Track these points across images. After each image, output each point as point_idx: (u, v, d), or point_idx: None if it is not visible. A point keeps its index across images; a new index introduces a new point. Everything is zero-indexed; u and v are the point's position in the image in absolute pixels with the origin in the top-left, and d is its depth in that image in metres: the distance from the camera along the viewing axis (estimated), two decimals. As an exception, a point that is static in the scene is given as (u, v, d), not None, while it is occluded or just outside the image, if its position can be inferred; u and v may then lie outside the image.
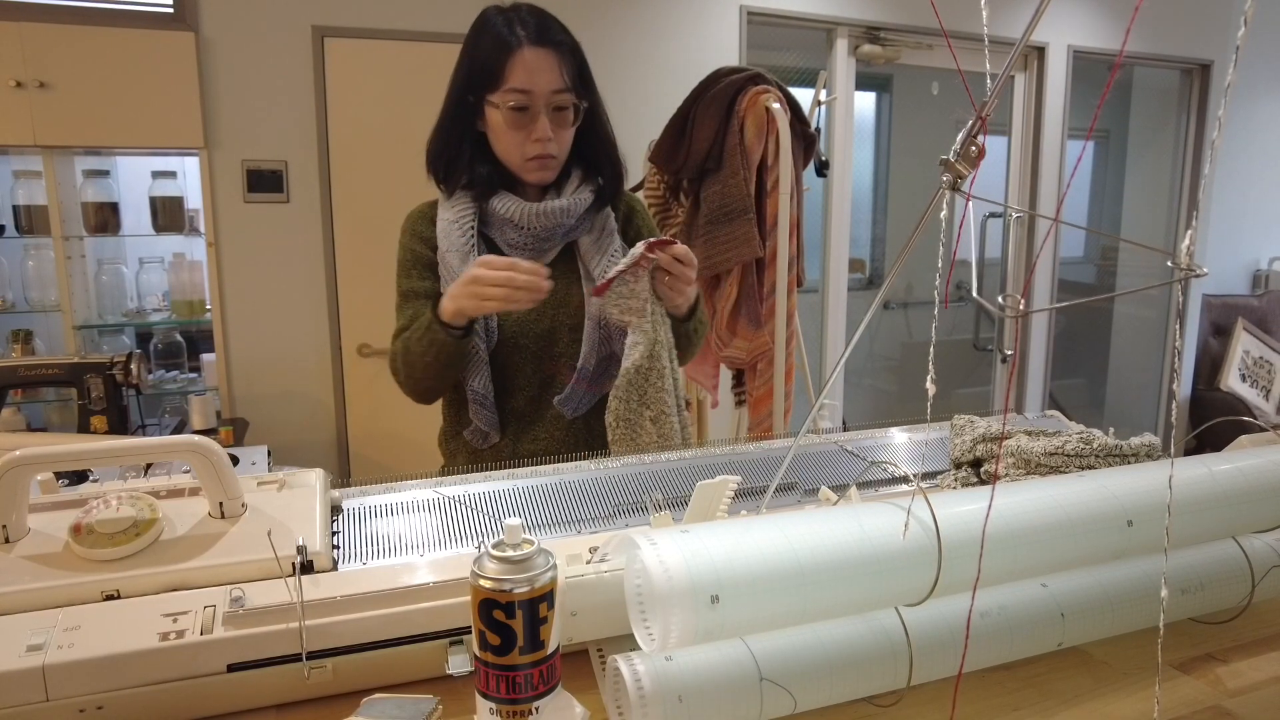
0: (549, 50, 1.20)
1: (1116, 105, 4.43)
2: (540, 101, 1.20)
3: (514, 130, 1.21)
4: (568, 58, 1.22)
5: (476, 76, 1.21)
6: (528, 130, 1.21)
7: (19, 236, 2.53)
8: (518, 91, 1.19)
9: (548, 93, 1.20)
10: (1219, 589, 0.75)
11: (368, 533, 0.80)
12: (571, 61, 1.23)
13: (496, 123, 1.22)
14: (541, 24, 1.21)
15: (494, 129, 1.23)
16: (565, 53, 1.22)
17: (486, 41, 1.21)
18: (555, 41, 1.21)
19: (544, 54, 1.20)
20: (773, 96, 2.02)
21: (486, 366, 1.22)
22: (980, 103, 0.54)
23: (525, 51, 1.19)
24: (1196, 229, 0.48)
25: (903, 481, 0.98)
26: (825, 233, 3.53)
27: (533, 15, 1.23)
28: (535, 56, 1.19)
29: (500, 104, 1.20)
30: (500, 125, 1.21)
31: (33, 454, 0.69)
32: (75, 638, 0.60)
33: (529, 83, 1.19)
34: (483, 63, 1.20)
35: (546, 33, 1.21)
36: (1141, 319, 4.49)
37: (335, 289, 2.78)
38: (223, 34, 2.56)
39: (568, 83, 1.21)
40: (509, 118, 1.20)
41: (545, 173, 1.25)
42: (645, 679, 0.55)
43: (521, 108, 1.19)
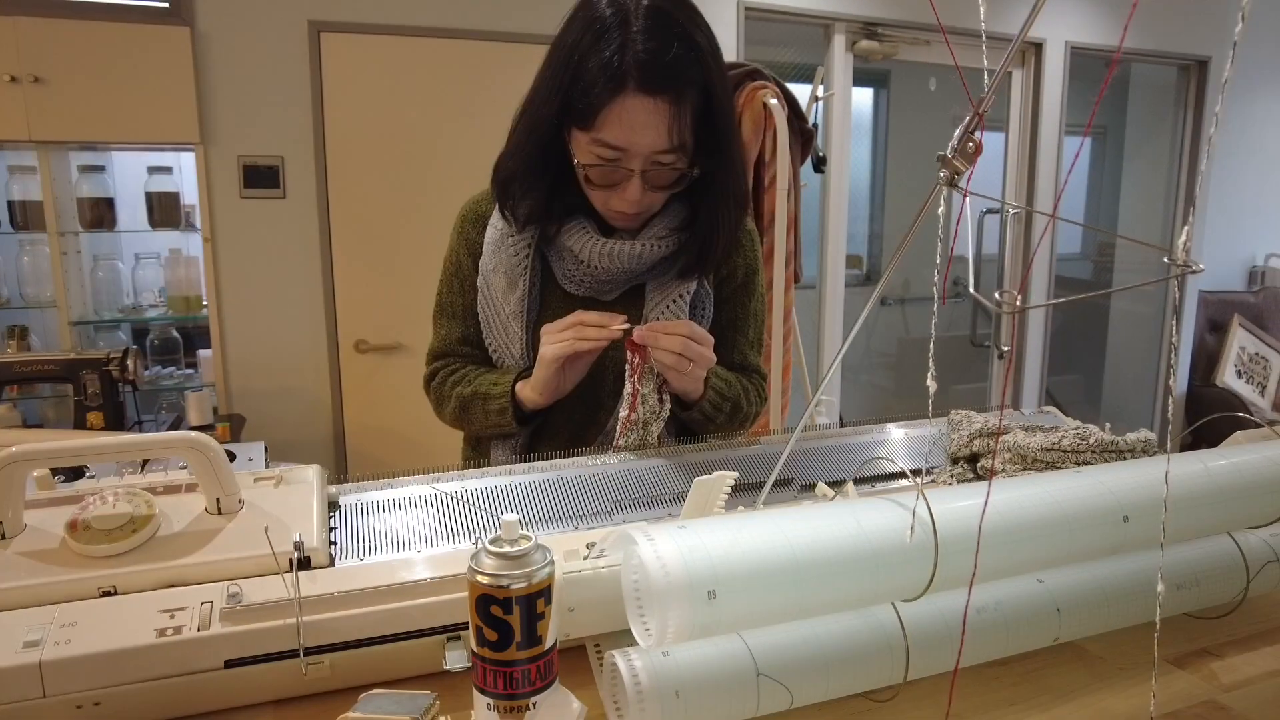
0: (663, 100, 0.93)
1: (1114, 101, 4.43)
2: (635, 162, 0.96)
3: (598, 185, 1.00)
4: (687, 106, 0.95)
5: (563, 101, 0.97)
6: (615, 189, 1.00)
7: (14, 232, 2.52)
8: (609, 146, 0.95)
9: (648, 154, 0.96)
10: (1214, 584, 0.75)
11: (365, 528, 0.80)
12: (691, 111, 0.96)
13: (580, 159, 0.99)
14: (662, 50, 0.92)
15: (576, 162, 1.00)
16: (685, 100, 0.94)
17: (583, 60, 0.94)
18: (674, 85, 0.93)
19: (654, 105, 0.93)
20: (770, 92, 2.02)
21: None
22: (978, 99, 0.54)
23: (629, 99, 0.92)
24: (1193, 225, 0.48)
25: (899, 477, 0.98)
26: (822, 229, 3.53)
27: (656, 30, 0.93)
28: (641, 108, 0.93)
29: (586, 149, 0.97)
30: (582, 169, 1.00)
31: (29, 450, 0.68)
32: (72, 634, 0.60)
33: (626, 140, 0.94)
34: (572, 90, 0.95)
35: (665, 70, 0.92)
36: (1138, 315, 4.49)
37: (332, 284, 2.78)
38: (218, 28, 2.55)
39: (678, 142, 0.96)
40: (594, 173, 0.99)
41: (630, 224, 1.06)
42: (642, 674, 0.56)
43: (612, 161, 0.97)
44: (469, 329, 1.16)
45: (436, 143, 2.78)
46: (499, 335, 1.13)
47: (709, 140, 1.00)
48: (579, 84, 0.94)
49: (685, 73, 0.94)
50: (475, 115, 2.78)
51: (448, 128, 2.77)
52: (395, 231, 2.78)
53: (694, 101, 0.96)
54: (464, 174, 2.78)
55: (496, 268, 1.09)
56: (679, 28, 0.94)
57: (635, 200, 0.99)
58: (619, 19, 0.93)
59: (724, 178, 1.05)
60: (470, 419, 1.12)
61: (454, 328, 1.16)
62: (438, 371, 1.18)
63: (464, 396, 1.12)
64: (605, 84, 0.92)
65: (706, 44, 0.97)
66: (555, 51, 0.99)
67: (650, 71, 0.92)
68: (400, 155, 2.76)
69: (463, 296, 1.15)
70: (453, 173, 2.77)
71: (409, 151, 2.77)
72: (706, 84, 0.96)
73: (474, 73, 2.76)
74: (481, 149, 3.16)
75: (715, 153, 1.01)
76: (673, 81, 0.93)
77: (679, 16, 0.95)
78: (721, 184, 1.05)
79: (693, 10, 0.97)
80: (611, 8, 0.94)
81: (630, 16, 0.93)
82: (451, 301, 1.17)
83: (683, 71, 0.94)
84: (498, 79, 2.77)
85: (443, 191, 2.78)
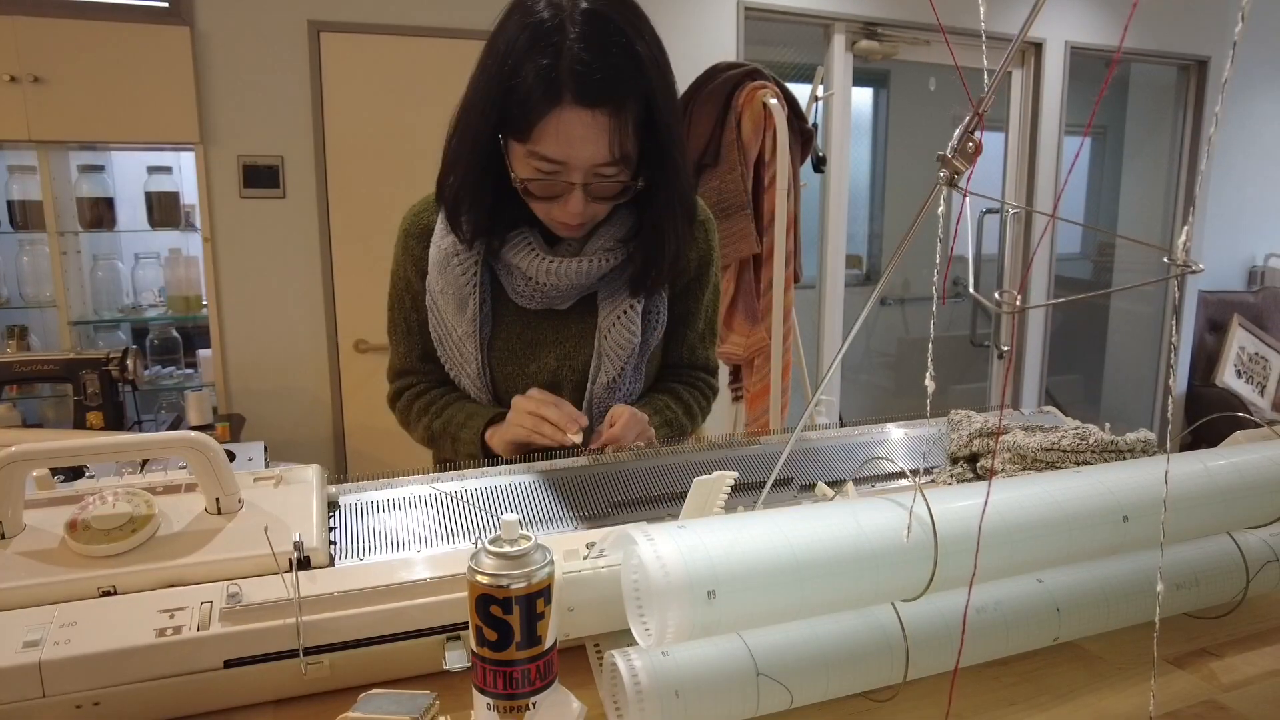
0: (602, 113, 0.88)
1: (1114, 101, 4.43)
2: (576, 175, 0.92)
3: (538, 197, 0.96)
4: (628, 117, 0.90)
5: (498, 111, 0.92)
6: (557, 201, 0.96)
7: (14, 232, 2.52)
8: (547, 160, 0.91)
9: (588, 166, 0.92)
10: (1214, 584, 0.75)
11: (365, 528, 0.80)
12: (633, 121, 0.91)
13: (518, 172, 0.95)
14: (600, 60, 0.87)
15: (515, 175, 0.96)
16: (626, 111, 0.90)
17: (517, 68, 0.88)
18: (613, 97, 0.88)
19: (593, 118, 0.88)
20: (770, 92, 2.02)
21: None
22: (977, 98, 0.54)
23: (566, 112, 0.88)
24: (1193, 225, 0.48)
25: (899, 477, 0.98)
26: (822, 228, 3.53)
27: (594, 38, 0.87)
28: (579, 120, 0.88)
29: (524, 161, 0.93)
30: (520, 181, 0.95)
31: (28, 450, 0.68)
32: (71, 634, 0.60)
33: (564, 154, 0.90)
34: (507, 101, 0.90)
35: (604, 81, 0.87)
36: (1138, 315, 4.50)
37: (331, 284, 2.78)
38: (218, 28, 2.55)
39: (619, 154, 0.91)
40: (533, 185, 0.94)
41: (575, 234, 1.02)
42: (642, 674, 0.56)
43: (551, 174, 0.93)
44: (426, 345, 1.13)
45: (436, 143, 2.76)
46: (453, 356, 1.10)
47: (652, 150, 0.96)
48: (514, 95, 0.89)
49: (625, 83, 0.90)
50: (475, 115, 2.77)
51: (447, 128, 2.77)
52: (395, 231, 2.77)
53: (635, 112, 0.92)
54: (464, 174, 2.77)
55: (445, 289, 1.05)
56: (618, 34, 0.89)
57: (578, 213, 0.96)
58: (554, 23, 0.88)
59: (668, 191, 1.00)
60: (440, 448, 1.13)
61: (411, 345, 1.14)
62: (402, 392, 1.16)
63: (432, 430, 1.11)
64: (541, 96, 0.87)
65: (648, 51, 0.92)
66: (489, 55, 0.93)
67: (587, 83, 0.87)
68: (400, 155, 2.76)
69: (416, 313, 1.12)
70: (452, 172, 2.77)
71: (409, 151, 2.76)
72: (648, 94, 0.92)
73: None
74: (481, 149, 3.09)
75: (658, 164, 0.98)
76: (612, 93, 0.89)
77: (619, 21, 0.90)
78: (665, 198, 1.01)
79: (634, 14, 0.93)
80: (547, 10, 0.89)
81: (566, 22, 0.88)
82: (405, 318, 1.13)
83: (622, 82, 0.89)
84: (497, 79, 2.77)
85: (442, 191, 2.77)
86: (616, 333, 1.08)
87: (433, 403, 1.12)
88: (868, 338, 4.07)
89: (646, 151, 0.96)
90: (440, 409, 1.11)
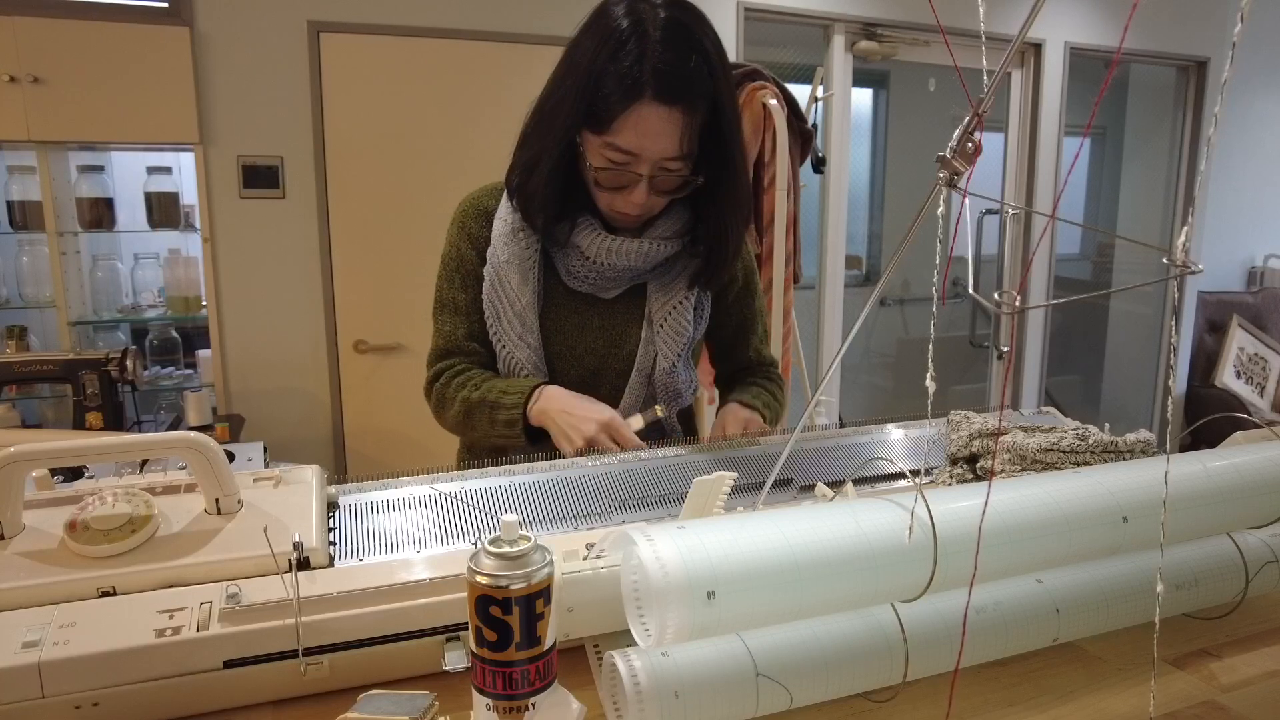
0: (677, 110, 0.97)
1: (1113, 102, 4.44)
2: (645, 167, 1.00)
3: (605, 187, 1.03)
4: (698, 116, 0.99)
5: (578, 104, 0.99)
6: (621, 192, 1.03)
7: (13, 232, 2.52)
8: (620, 151, 0.98)
9: (657, 160, 0.99)
10: (1213, 584, 0.75)
11: (364, 529, 0.80)
12: (701, 121, 1.00)
13: (588, 162, 1.02)
14: (680, 62, 0.96)
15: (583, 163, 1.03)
16: (697, 110, 0.98)
17: (602, 69, 0.96)
18: (688, 96, 0.97)
19: (669, 114, 0.96)
20: (770, 93, 2.02)
21: None
22: (977, 99, 0.54)
23: (645, 108, 0.96)
24: (1192, 225, 0.48)
25: (899, 477, 0.98)
26: (822, 229, 3.53)
27: (674, 42, 0.96)
28: (656, 116, 0.96)
29: (598, 151, 1.00)
30: (591, 170, 1.02)
31: (28, 450, 0.68)
32: (71, 634, 0.60)
33: (638, 146, 0.98)
34: (593, 95, 0.97)
35: (682, 81, 0.96)
36: (1137, 315, 4.50)
37: (331, 285, 2.78)
38: (218, 28, 2.55)
39: (686, 150, 1.00)
40: (603, 175, 1.01)
41: (632, 224, 1.09)
42: (642, 675, 0.56)
43: (621, 165, 1.00)
44: (474, 324, 1.14)
45: (436, 143, 2.78)
46: (508, 329, 1.11)
47: (715, 149, 1.03)
48: (599, 91, 0.97)
49: (699, 85, 0.98)
50: (475, 115, 2.78)
51: (447, 128, 2.77)
52: (395, 231, 2.78)
53: (703, 112, 1.00)
54: (463, 174, 2.77)
55: (510, 260, 1.10)
56: (694, 41, 0.98)
57: (640, 203, 1.03)
58: (637, 30, 0.96)
59: (730, 187, 1.07)
60: (474, 424, 1.11)
61: (459, 324, 1.15)
62: (442, 373, 1.15)
63: (470, 401, 1.10)
64: (623, 92, 0.95)
65: (717, 56, 1.00)
66: (570, 60, 1.01)
67: (667, 82, 0.95)
68: (399, 155, 2.76)
69: (465, 291, 1.14)
70: (452, 173, 2.77)
71: (408, 152, 2.76)
72: (716, 97, 1.00)
73: (474, 73, 2.77)
74: (481, 149, 3.16)
75: (720, 161, 1.05)
76: (687, 92, 0.97)
77: (695, 29, 0.98)
78: (728, 193, 1.08)
79: (706, 23, 1.00)
80: (628, 18, 0.97)
81: (649, 27, 0.96)
82: (454, 297, 1.15)
83: (697, 83, 0.98)
84: (497, 79, 2.77)
85: (442, 191, 2.77)
86: (673, 322, 1.13)
87: (473, 378, 1.13)
88: (867, 338, 4.07)
89: (709, 151, 1.04)
90: (480, 382, 1.12)
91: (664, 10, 0.98)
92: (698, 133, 1.01)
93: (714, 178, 1.06)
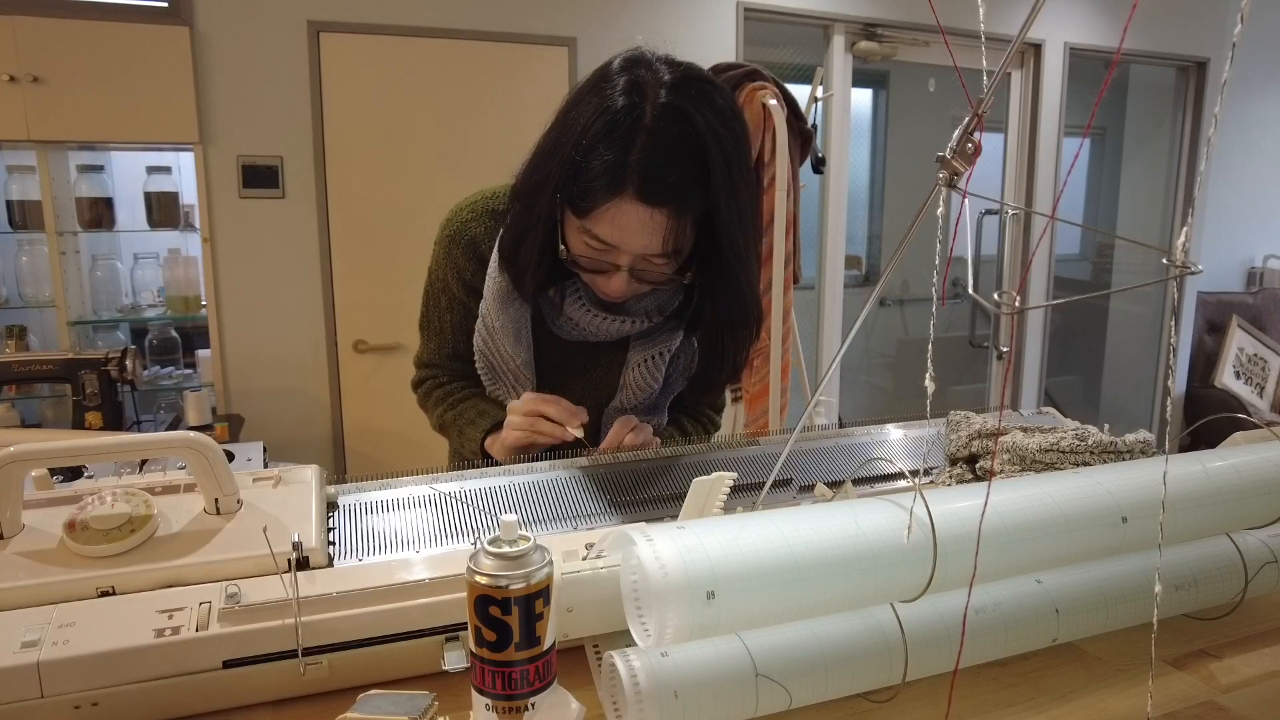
0: (660, 212, 0.88)
1: (1113, 102, 4.44)
2: (624, 259, 0.93)
3: (584, 269, 0.97)
4: (688, 217, 0.90)
5: (565, 184, 0.91)
6: (601, 275, 0.96)
7: (12, 232, 2.52)
8: (598, 240, 0.91)
9: (636, 254, 0.92)
10: (1213, 585, 0.75)
11: (363, 529, 0.80)
12: (692, 219, 0.90)
13: (569, 243, 0.95)
14: (670, 163, 0.87)
15: (563, 246, 0.95)
16: (687, 211, 0.89)
17: (589, 150, 0.88)
18: (677, 199, 0.88)
19: (650, 214, 0.88)
20: (769, 93, 2.02)
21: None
22: (977, 99, 0.54)
23: (625, 204, 0.87)
24: (1192, 226, 0.48)
25: (898, 478, 0.98)
26: (821, 229, 3.54)
27: (667, 136, 0.86)
28: (636, 214, 0.88)
29: (576, 234, 0.93)
30: (567, 251, 0.95)
31: (27, 450, 0.68)
32: (70, 634, 0.60)
33: (615, 239, 0.90)
34: (574, 177, 0.89)
35: (668, 185, 0.87)
36: (1137, 316, 4.50)
37: (331, 284, 2.78)
38: (218, 28, 2.55)
39: (672, 248, 0.91)
40: (580, 259, 0.94)
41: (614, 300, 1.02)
42: (641, 675, 0.55)
43: (600, 253, 0.93)
44: (457, 344, 1.16)
45: (435, 143, 2.78)
46: (507, 381, 1.12)
47: (710, 250, 0.95)
48: (580, 175, 0.89)
49: (688, 190, 0.89)
50: (474, 115, 2.78)
51: (447, 128, 2.77)
52: (394, 231, 2.78)
53: (696, 212, 0.91)
54: (463, 174, 2.77)
55: (504, 325, 1.06)
56: (694, 136, 0.87)
57: (620, 290, 0.96)
58: (632, 112, 0.87)
59: (728, 293, 1.00)
60: (449, 438, 1.16)
61: (442, 343, 1.16)
62: (425, 380, 1.20)
63: (444, 419, 1.14)
64: (605, 183, 0.87)
65: (719, 147, 0.89)
66: (561, 128, 0.93)
67: (652, 182, 0.87)
68: (399, 155, 2.76)
69: (450, 314, 1.14)
70: (451, 172, 2.77)
71: (408, 151, 2.76)
72: (711, 201, 0.90)
73: (473, 73, 2.76)
74: (481, 149, 3.16)
75: (715, 265, 0.96)
76: (674, 195, 0.88)
77: (697, 120, 0.87)
78: (726, 297, 1.00)
79: (712, 103, 0.89)
80: (626, 96, 0.87)
81: (646, 108, 0.87)
82: (439, 318, 1.15)
83: (685, 189, 0.88)
84: (497, 79, 2.77)
85: (441, 191, 2.77)
86: (640, 375, 1.11)
87: (450, 394, 1.15)
88: (867, 338, 4.08)
89: (703, 251, 0.95)
90: (455, 402, 1.14)
91: (666, 91, 0.87)
92: (690, 229, 0.91)
93: (709, 278, 0.98)
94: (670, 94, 0.88)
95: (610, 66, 0.92)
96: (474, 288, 1.10)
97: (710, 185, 0.89)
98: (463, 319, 1.13)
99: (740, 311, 1.03)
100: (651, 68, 0.90)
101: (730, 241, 0.94)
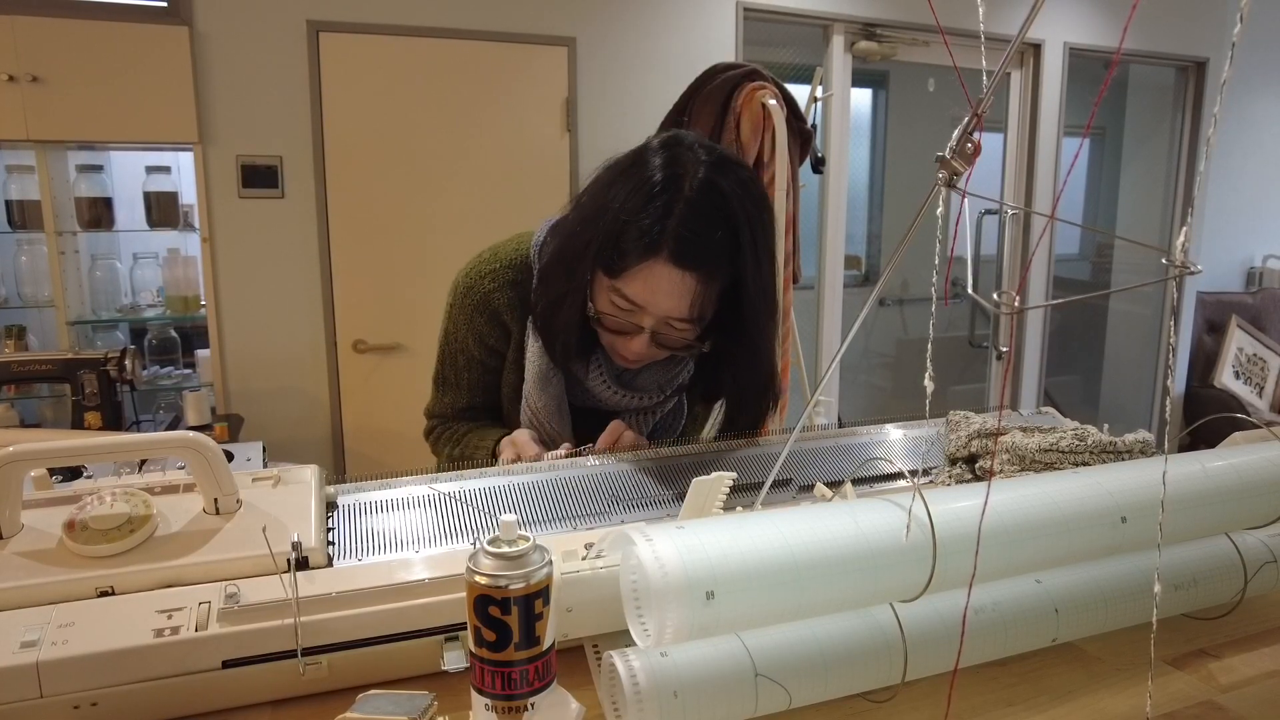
0: (691, 277, 0.93)
1: (1112, 102, 4.44)
2: (649, 320, 0.97)
3: (607, 329, 1.01)
4: (715, 285, 0.96)
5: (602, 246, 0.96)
6: (622, 337, 1.01)
7: (12, 232, 2.52)
8: (627, 299, 0.96)
9: (662, 316, 0.97)
10: (1212, 585, 0.75)
11: (363, 529, 0.80)
12: (717, 289, 0.97)
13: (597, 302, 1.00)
14: (705, 231, 0.92)
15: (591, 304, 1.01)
16: (714, 280, 0.95)
17: (630, 217, 0.93)
18: (707, 266, 0.94)
19: (682, 278, 0.93)
20: (769, 93, 2.02)
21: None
22: (976, 99, 0.54)
23: (658, 266, 0.92)
24: (1191, 226, 0.48)
25: (898, 478, 0.98)
26: (821, 229, 3.54)
27: (704, 208, 0.92)
28: (668, 277, 0.93)
29: (605, 293, 0.98)
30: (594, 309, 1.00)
31: (26, 450, 0.68)
32: (69, 634, 0.60)
33: (645, 300, 0.95)
34: (612, 240, 0.94)
35: (703, 251, 0.93)
36: (1136, 316, 4.50)
37: (330, 284, 2.78)
38: (217, 28, 2.55)
39: (696, 315, 0.96)
40: (607, 319, 0.99)
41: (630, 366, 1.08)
42: (641, 675, 0.55)
43: (626, 312, 0.97)
44: (473, 399, 1.18)
45: (435, 142, 2.78)
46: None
47: (732, 321, 1.01)
48: (619, 238, 0.94)
49: (719, 258, 0.95)
50: (474, 115, 2.77)
51: (446, 128, 2.77)
52: (394, 231, 2.78)
53: (722, 281, 0.97)
54: (463, 174, 2.78)
55: (546, 405, 1.10)
56: (728, 212, 0.94)
57: (639, 353, 1.01)
58: (672, 185, 0.93)
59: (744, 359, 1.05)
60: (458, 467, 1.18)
61: (457, 398, 1.19)
62: (435, 428, 1.22)
63: (453, 456, 1.16)
64: (641, 246, 0.92)
65: (750, 227, 0.95)
66: (602, 195, 0.98)
67: (687, 247, 0.92)
68: (399, 155, 2.76)
69: (469, 372, 1.17)
70: (452, 172, 2.77)
71: (407, 151, 2.76)
72: (738, 272, 0.96)
73: (473, 73, 2.76)
74: (480, 149, 3.15)
75: (735, 333, 1.02)
76: (705, 261, 0.93)
77: (732, 200, 0.94)
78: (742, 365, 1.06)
79: (747, 188, 0.97)
80: (664, 171, 0.94)
81: (685, 183, 0.93)
82: (456, 376, 1.18)
83: (717, 256, 0.94)
84: (497, 79, 2.77)
85: (441, 191, 2.78)
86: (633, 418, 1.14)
87: (455, 432, 1.19)
88: (866, 338, 4.07)
89: (725, 323, 1.01)
90: (460, 438, 1.17)
91: (704, 170, 0.94)
92: (715, 299, 0.97)
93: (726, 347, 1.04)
94: (708, 171, 0.94)
95: (649, 145, 0.99)
96: (494, 349, 1.14)
97: (739, 258, 0.96)
98: (480, 375, 1.17)
99: (758, 380, 1.09)
100: (691, 149, 0.96)
101: (753, 311, 1.00)
